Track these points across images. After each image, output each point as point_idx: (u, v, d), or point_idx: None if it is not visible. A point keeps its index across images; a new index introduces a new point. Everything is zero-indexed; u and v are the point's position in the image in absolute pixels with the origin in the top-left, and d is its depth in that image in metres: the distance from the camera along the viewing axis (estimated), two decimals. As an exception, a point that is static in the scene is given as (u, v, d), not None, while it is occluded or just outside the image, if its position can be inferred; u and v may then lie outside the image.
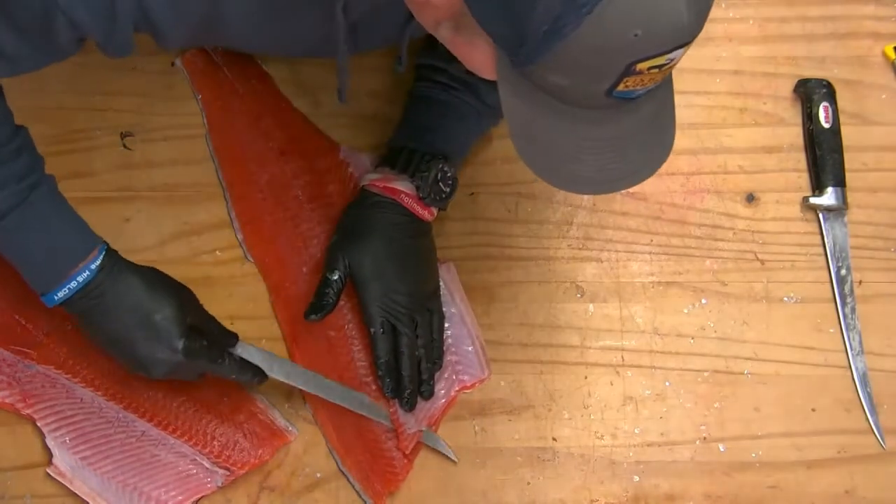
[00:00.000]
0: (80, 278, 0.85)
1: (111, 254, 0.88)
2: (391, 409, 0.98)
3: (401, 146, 1.00)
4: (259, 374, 0.93)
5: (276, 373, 0.94)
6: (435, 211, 1.00)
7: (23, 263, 0.86)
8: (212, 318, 0.93)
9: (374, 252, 0.98)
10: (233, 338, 0.93)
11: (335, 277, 0.97)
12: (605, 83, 0.63)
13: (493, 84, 0.99)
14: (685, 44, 0.62)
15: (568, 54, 0.61)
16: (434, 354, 0.99)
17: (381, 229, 0.98)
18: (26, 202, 0.83)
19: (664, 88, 0.69)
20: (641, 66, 0.61)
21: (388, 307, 0.97)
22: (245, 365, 0.92)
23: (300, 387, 0.96)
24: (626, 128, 0.68)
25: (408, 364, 0.97)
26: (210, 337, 0.91)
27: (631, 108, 0.67)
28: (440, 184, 0.98)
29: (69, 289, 0.85)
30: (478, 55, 0.70)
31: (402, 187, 0.98)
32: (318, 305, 0.97)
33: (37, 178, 0.85)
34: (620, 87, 0.63)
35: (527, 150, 0.71)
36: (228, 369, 0.91)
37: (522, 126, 0.70)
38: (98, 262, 0.86)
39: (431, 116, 1.01)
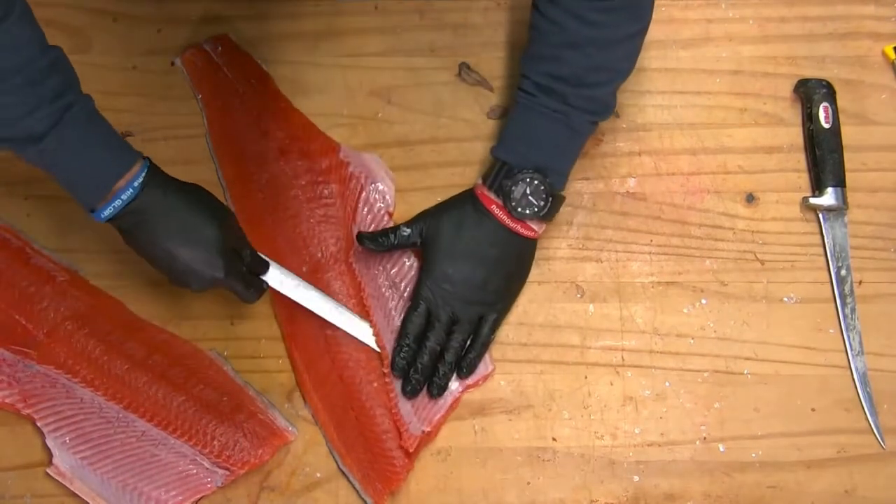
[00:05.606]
0: (124, 196, 0.86)
1: (154, 170, 0.89)
2: (394, 411, 0.99)
3: (497, 157, 0.98)
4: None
5: (287, 290, 0.98)
6: (535, 224, 0.98)
7: (66, 183, 0.86)
8: (248, 243, 0.95)
9: (451, 237, 0.98)
10: (265, 265, 0.97)
11: (406, 232, 0.99)
12: None
13: (579, 84, 0.94)
14: None
15: None
16: (464, 362, 0.98)
17: (468, 224, 0.98)
18: (61, 122, 0.83)
19: None
20: None
21: (435, 292, 0.98)
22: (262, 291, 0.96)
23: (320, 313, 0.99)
24: None
25: (426, 355, 0.97)
26: (245, 261, 0.94)
27: None
28: (530, 197, 0.96)
29: (114, 207, 0.86)
30: None
31: (494, 198, 0.97)
32: (374, 238, 0.99)
33: (71, 97, 0.84)
34: None
35: None
36: (255, 296, 0.94)
37: None
38: (141, 179, 0.87)
39: (520, 126, 0.98)
